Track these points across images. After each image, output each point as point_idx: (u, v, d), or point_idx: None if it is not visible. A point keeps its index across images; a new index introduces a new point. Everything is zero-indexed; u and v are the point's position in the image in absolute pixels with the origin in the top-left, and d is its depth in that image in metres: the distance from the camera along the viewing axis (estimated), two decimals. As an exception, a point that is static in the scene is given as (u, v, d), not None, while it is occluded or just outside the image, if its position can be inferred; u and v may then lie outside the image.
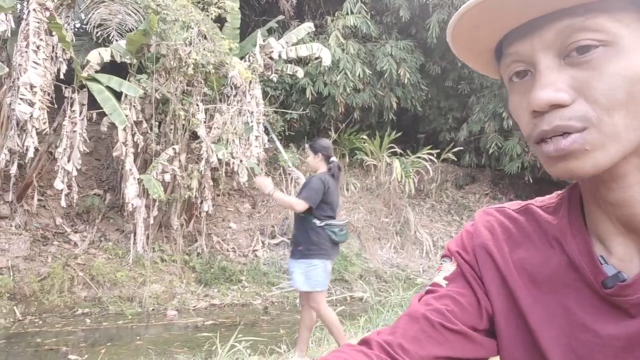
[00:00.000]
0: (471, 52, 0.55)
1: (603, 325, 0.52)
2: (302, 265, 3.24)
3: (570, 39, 0.46)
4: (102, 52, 6.08)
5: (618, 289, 0.51)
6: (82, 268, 6.03)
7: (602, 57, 0.46)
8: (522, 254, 0.59)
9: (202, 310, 5.98)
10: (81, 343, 4.69)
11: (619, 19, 0.46)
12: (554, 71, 0.47)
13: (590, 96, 0.46)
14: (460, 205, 9.56)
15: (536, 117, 0.48)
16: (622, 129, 0.46)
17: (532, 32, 0.48)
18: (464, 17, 0.49)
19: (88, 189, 7.06)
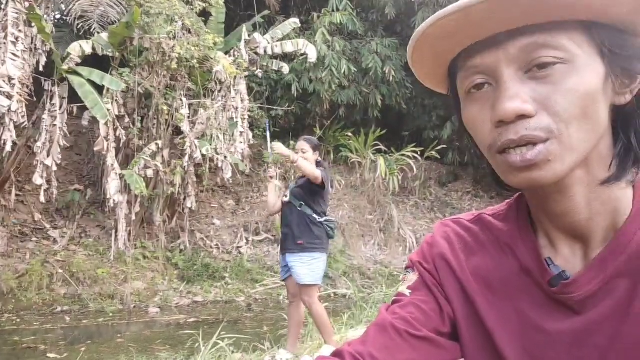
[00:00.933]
0: (428, 61, 0.57)
1: (552, 323, 0.56)
2: (305, 259, 3.25)
3: (533, 54, 0.49)
4: (84, 45, 5.96)
5: (562, 287, 0.55)
6: (62, 265, 5.92)
7: (560, 73, 0.49)
8: (478, 262, 0.63)
9: (184, 307, 5.93)
10: (60, 341, 4.61)
11: (575, 40, 0.49)
12: (517, 83, 0.50)
13: (551, 109, 0.49)
14: (443, 203, 9.66)
15: (500, 127, 0.51)
16: (576, 141, 0.50)
17: (497, 46, 0.51)
18: (434, 25, 0.51)
19: (68, 185, 6.92)
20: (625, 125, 0.54)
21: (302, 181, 3.44)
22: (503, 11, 0.48)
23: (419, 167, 9.08)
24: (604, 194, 0.54)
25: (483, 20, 0.49)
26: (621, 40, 0.51)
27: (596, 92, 0.50)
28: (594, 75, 0.50)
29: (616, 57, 0.51)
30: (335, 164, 9.10)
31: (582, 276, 0.55)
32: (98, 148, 5.97)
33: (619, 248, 0.53)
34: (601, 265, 0.54)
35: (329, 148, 9.08)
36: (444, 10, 0.49)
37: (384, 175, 8.44)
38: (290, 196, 3.44)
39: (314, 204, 3.38)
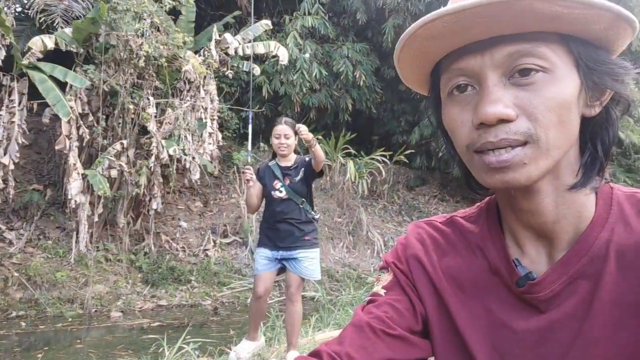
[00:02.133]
0: (415, 60, 0.58)
1: (518, 321, 0.59)
2: (314, 254, 3.24)
3: (517, 61, 0.52)
4: (46, 40, 5.75)
5: (529, 287, 0.58)
6: (18, 268, 5.67)
7: (541, 81, 0.52)
8: (449, 262, 0.65)
9: (148, 311, 5.78)
10: (15, 348, 4.40)
11: (556, 51, 0.52)
12: (501, 88, 0.52)
13: (531, 114, 0.51)
14: (410, 207, 9.82)
15: (481, 129, 0.53)
16: (552, 146, 0.52)
17: (482, 51, 0.53)
18: (425, 27, 0.52)
19: (26, 184, 6.64)
20: (593, 136, 0.57)
21: (304, 172, 3.21)
22: (492, 18, 0.49)
23: (387, 171, 9.20)
24: (570, 198, 0.56)
25: (472, 25, 0.50)
26: (596, 55, 0.54)
27: (572, 102, 0.53)
28: (571, 86, 0.53)
29: (590, 70, 0.54)
30: (305, 167, 9.11)
31: (547, 277, 0.57)
32: (59, 147, 5.76)
33: (582, 251, 0.56)
34: (565, 266, 0.57)
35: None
36: (436, 13, 0.50)
37: (353, 179, 8.51)
38: (289, 191, 3.20)
39: (311, 198, 3.31)
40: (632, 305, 0.53)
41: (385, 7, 8.53)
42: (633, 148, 9.44)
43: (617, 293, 0.54)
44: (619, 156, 9.95)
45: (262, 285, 3.21)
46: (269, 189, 3.25)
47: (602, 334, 0.54)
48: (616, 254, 0.55)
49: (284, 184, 3.22)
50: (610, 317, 0.54)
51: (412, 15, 8.53)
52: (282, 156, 3.26)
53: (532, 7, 0.48)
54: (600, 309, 0.54)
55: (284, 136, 3.17)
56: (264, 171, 3.31)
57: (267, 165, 3.34)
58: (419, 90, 0.65)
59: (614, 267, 0.55)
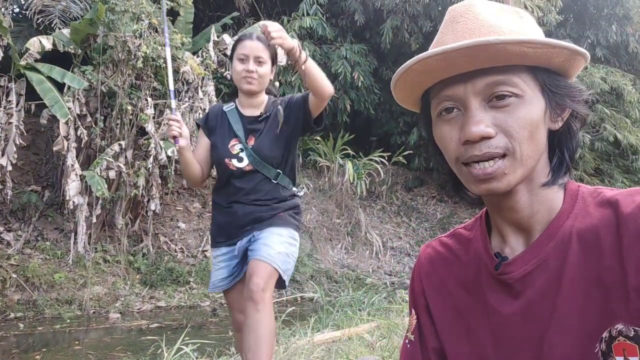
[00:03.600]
0: (409, 87, 0.71)
1: (505, 306, 0.69)
2: (287, 233, 2.04)
3: (494, 89, 0.64)
4: (43, 40, 5.74)
5: (504, 267, 0.70)
6: (16, 269, 5.65)
7: (514, 104, 0.64)
8: (456, 270, 0.78)
9: (147, 312, 5.77)
10: (13, 349, 4.39)
11: (524, 79, 0.65)
12: (481, 111, 0.65)
13: (507, 132, 0.64)
14: (409, 207, 9.82)
15: (467, 144, 0.65)
16: (526, 157, 0.64)
17: (465, 81, 0.65)
18: (420, 63, 0.64)
19: (24, 185, 6.63)
20: (560, 144, 0.70)
21: (289, 121, 2.06)
22: (474, 56, 0.62)
23: (386, 172, 9.20)
24: (542, 195, 0.69)
25: (458, 61, 0.63)
26: (557, 81, 0.67)
27: (539, 119, 0.65)
28: (538, 107, 0.65)
29: (553, 93, 0.66)
30: (304, 168, 9.11)
31: (518, 258, 0.69)
32: (57, 148, 5.75)
33: (549, 236, 0.67)
34: (535, 249, 0.68)
35: (298, 152, 9.08)
36: (428, 52, 0.63)
37: (351, 180, 8.51)
38: (254, 159, 2.05)
39: (293, 166, 2.15)
40: (595, 278, 0.63)
41: (384, 9, 8.54)
42: (631, 149, 9.46)
43: (581, 269, 0.64)
44: (617, 157, 9.97)
45: (237, 306, 2.10)
46: (222, 152, 2.08)
47: (573, 306, 0.63)
48: (578, 237, 0.65)
49: (245, 147, 2.06)
50: (578, 291, 0.63)
51: (410, 17, 8.55)
52: (247, 94, 2.09)
53: (505, 48, 0.61)
54: (568, 285, 0.64)
55: (254, 59, 2.03)
56: (215, 120, 2.15)
57: (220, 110, 2.17)
58: (410, 108, 0.78)
59: (576, 249, 0.65)
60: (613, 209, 0.64)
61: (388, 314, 4.20)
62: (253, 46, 2.06)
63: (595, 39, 10.09)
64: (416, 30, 8.68)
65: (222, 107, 2.20)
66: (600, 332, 0.62)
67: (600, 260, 0.63)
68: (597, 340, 0.62)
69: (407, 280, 7.58)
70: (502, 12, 0.68)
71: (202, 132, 2.19)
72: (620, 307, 0.61)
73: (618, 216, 0.63)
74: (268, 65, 2.10)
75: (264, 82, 2.12)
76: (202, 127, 2.19)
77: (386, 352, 2.77)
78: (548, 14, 9.42)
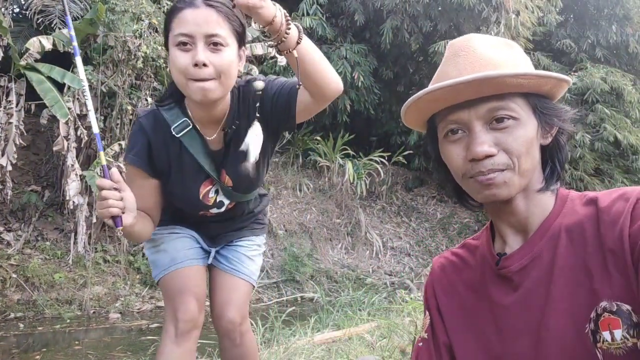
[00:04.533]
0: (418, 113, 0.82)
1: (504, 297, 0.79)
2: (262, 241, 1.73)
3: (494, 113, 0.75)
4: (43, 40, 5.74)
5: (502, 261, 0.80)
6: (16, 269, 5.65)
7: (512, 126, 0.75)
8: (466, 275, 0.88)
9: (147, 312, 5.77)
10: (13, 349, 4.39)
11: (520, 104, 0.76)
12: (484, 133, 0.75)
13: (508, 149, 0.75)
14: (409, 207, 9.82)
15: (473, 162, 0.75)
16: (524, 170, 0.75)
17: (469, 107, 0.76)
18: (430, 93, 0.76)
19: (24, 185, 6.63)
20: (551, 157, 0.81)
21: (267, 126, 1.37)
22: (477, 87, 0.73)
23: (386, 172, 9.20)
24: (537, 199, 0.79)
25: (463, 92, 0.74)
26: (546, 104, 0.78)
27: (533, 137, 0.76)
28: (532, 128, 0.76)
29: (543, 114, 0.78)
30: (304, 168, 9.11)
31: (515, 254, 0.79)
32: (57, 148, 5.75)
33: (542, 233, 0.77)
34: (530, 245, 0.78)
35: (298, 152, 9.08)
36: (438, 85, 0.74)
37: (351, 180, 8.51)
38: (234, 197, 1.50)
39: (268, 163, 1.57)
40: (582, 265, 0.72)
41: (384, 9, 8.54)
42: (631, 149, 9.46)
43: (570, 259, 0.73)
44: (617, 157, 9.97)
45: (190, 296, 1.53)
46: (191, 205, 1.49)
47: (565, 292, 0.72)
48: (566, 232, 0.75)
49: (222, 187, 1.46)
50: (569, 279, 0.72)
51: (410, 17, 8.55)
52: (200, 104, 1.32)
53: (505, 81, 0.73)
54: (559, 273, 0.73)
55: (204, 41, 1.21)
56: (162, 152, 1.40)
57: (167, 132, 1.38)
58: (417, 129, 0.90)
59: (565, 241, 0.75)
60: (594, 205, 0.75)
61: (388, 314, 4.20)
62: (199, 18, 1.20)
63: (595, 39, 10.09)
64: (416, 30, 8.68)
65: (169, 125, 1.36)
66: (589, 312, 0.70)
67: (585, 249, 0.73)
68: (587, 321, 0.70)
69: (407, 280, 7.58)
70: (495, 45, 0.80)
71: (139, 173, 1.39)
72: (604, 286, 0.69)
73: (597, 210, 0.74)
74: (231, 47, 1.26)
75: (229, 82, 1.28)
76: (143, 169, 1.39)
77: (386, 352, 2.77)
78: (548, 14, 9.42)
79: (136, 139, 1.39)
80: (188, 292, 1.51)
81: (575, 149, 9.23)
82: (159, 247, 1.53)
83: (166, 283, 1.52)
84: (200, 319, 1.56)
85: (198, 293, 1.54)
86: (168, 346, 1.49)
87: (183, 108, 1.38)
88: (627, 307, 0.67)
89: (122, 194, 1.20)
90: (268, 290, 6.81)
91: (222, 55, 1.22)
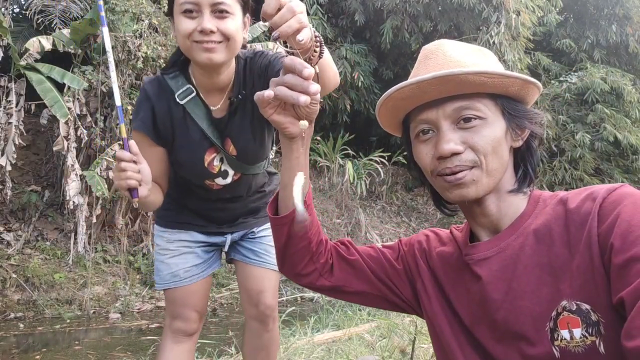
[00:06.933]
0: (390, 113, 0.84)
1: (471, 285, 0.82)
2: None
3: (461, 113, 0.77)
4: (43, 41, 5.74)
5: (468, 249, 0.83)
6: (16, 269, 5.65)
7: (479, 125, 0.76)
8: (444, 250, 0.91)
9: (147, 312, 5.77)
10: (13, 349, 4.39)
11: (487, 104, 0.77)
12: (451, 132, 0.77)
13: (474, 147, 0.76)
14: (409, 208, 9.82)
15: (440, 159, 0.77)
16: (492, 169, 0.77)
17: (437, 106, 0.78)
18: (398, 91, 0.78)
19: (24, 185, 6.63)
20: (522, 159, 0.82)
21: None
22: (442, 86, 0.74)
23: (386, 172, 9.20)
24: (509, 201, 0.80)
25: (429, 90, 0.75)
26: (515, 106, 0.79)
27: (501, 138, 0.77)
28: (499, 128, 0.77)
29: (512, 117, 0.79)
30: (304, 168, 9.10)
31: (482, 245, 0.81)
32: (57, 148, 5.75)
33: (511, 231, 0.79)
34: (497, 240, 0.80)
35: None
36: (405, 83, 0.76)
37: (351, 180, 8.51)
38: (240, 167, 1.50)
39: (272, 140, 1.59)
40: (546, 264, 0.73)
41: (384, 9, 8.54)
42: (631, 149, 9.46)
43: (535, 258, 0.74)
44: (617, 157, 9.97)
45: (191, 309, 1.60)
46: (196, 174, 1.49)
47: (527, 288, 0.74)
48: (534, 231, 0.76)
49: (226, 156, 1.46)
50: (532, 276, 0.74)
51: (410, 17, 8.55)
52: (207, 69, 1.33)
53: (467, 78, 0.73)
54: (523, 270, 0.75)
55: (210, 9, 1.23)
56: (166, 119, 1.41)
57: (171, 99, 1.40)
58: (394, 133, 0.91)
59: (532, 241, 0.76)
60: (563, 205, 0.76)
61: (388, 314, 4.20)
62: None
63: (595, 39, 10.09)
64: (416, 30, 8.68)
65: (173, 92, 1.37)
66: (550, 311, 0.71)
67: (551, 248, 0.73)
68: (547, 319, 0.71)
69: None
70: (467, 51, 0.80)
71: (145, 140, 1.39)
72: (565, 285, 0.70)
73: (566, 211, 0.74)
74: (237, 16, 1.27)
75: (235, 46, 1.28)
76: (148, 135, 1.39)
77: (386, 352, 2.77)
78: (548, 14, 9.42)
79: (140, 106, 1.42)
80: (189, 307, 1.59)
81: (575, 149, 9.23)
82: (164, 256, 1.61)
83: (168, 295, 1.61)
84: (199, 325, 1.66)
85: (199, 305, 1.63)
86: (168, 346, 1.59)
87: (187, 76, 1.41)
88: (586, 307, 0.68)
89: (139, 166, 1.23)
90: (268, 290, 6.81)
91: (228, 22, 1.25)
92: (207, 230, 1.61)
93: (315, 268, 0.92)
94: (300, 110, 0.76)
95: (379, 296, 0.93)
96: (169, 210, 1.61)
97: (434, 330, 0.88)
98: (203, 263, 1.63)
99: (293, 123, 0.78)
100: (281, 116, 0.77)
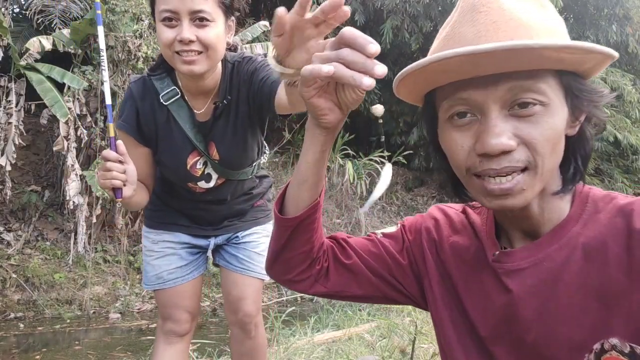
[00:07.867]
0: (417, 84, 0.64)
1: (493, 292, 0.68)
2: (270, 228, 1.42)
3: (517, 96, 0.57)
4: (43, 40, 5.74)
5: (499, 255, 0.67)
6: (16, 269, 5.65)
7: (539, 114, 0.57)
8: (457, 240, 0.76)
9: (147, 312, 5.77)
10: (13, 349, 4.39)
11: (552, 85, 0.58)
12: (502, 120, 0.57)
13: (531, 145, 0.57)
14: (409, 208, 9.82)
15: (483, 156, 0.58)
16: (546, 171, 0.59)
17: (486, 85, 0.57)
18: (440, 62, 0.55)
19: (24, 185, 6.63)
20: (574, 152, 0.64)
21: (254, 103, 1.38)
22: (503, 59, 0.54)
23: (386, 172, 9.21)
24: (553, 202, 0.65)
25: (484, 64, 0.55)
26: (580, 85, 0.60)
27: (562, 130, 0.59)
28: (562, 117, 0.59)
29: (576, 98, 0.60)
30: (304, 168, 9.11)
31: (517, 252, 0.66)
32: (57, 148, 5.75)
33: (553, 239, 0.64)
34: (535, 248, 0.64)
35: (298, 151, 9.09)
36: (453, 51, 0.54)
37: (351, 180, 8.51)
38: (223, 172, 1.48)
39: (261, 145, 1.57)
40: (595, 289, 0.59)
41: (384, 9, 8.54)
42: (631, 149, 9.47)
43: (581, 278, 0.60)
44: (617, 157, 9.97)
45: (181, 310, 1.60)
46: (179, 177, 1.49)
47: (567, 312, 0.60)
48: (583, 245, 0.61)
49: (209, 160, 1.45)
50: (575, 299, 0.60)
51: (410, 17, 8.55)
52: (188, 75, 1.30)
53: (542, 53, 0.53)
54: (564, 290, 0.61)
55: (189, 18, 1.21)
56: (149, 119, 1.41)
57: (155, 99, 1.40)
58: (410, 101, 0.71)
59: (580, 256, 0.61)
60: (625, 219, 0.59)
61: (388, 314, 4.20)
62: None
63: (595, 39, 10.09)
64: (416, 30, 8.68)
65: (158, 93, 1.36)
66: (592, 342, 0.58)
67: (603, 270, 0.58)
68: (587, 351, 0.58)
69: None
70: (527, 5, 0.59)
71: (130, 140, 1.38)
72: (619, 321, 0.57)
73: (630, 227, 0.58)
74: (218, 22, 1.24)
75: (215, 56, 1.26)
76: (132, 135, 1.39)
77: (386, 352, 2.77)
78: (548, 14, 9.43)
79: (124, 105, 1.43)
80: (178, 308, 1.60)
81: (575, 149, 9.23)
82: (150, 258, 1.62)
83: (157, 296, 1.64)
84: (191, 326, 1.64)
85: (190, 306, 1.62)
86: (160, 347, 1.62)
87: (173, 77, 1.40)
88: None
89: (125, 166, 1.23)
90: (268, 290, 6.80)
91: (208, 31, 1.22)
92: (191, 232, 1.62)
93: (310, 274, 0.79)
94: (348, 96, 0.63)
95: (381, 296, 0.81)
96: (156, 210, 1.62)
97: (439, 335, 0.76)
98: (187, 265, 1.63)
99: (332, 110, 0.63)
100: (322, 100, 0.62)
